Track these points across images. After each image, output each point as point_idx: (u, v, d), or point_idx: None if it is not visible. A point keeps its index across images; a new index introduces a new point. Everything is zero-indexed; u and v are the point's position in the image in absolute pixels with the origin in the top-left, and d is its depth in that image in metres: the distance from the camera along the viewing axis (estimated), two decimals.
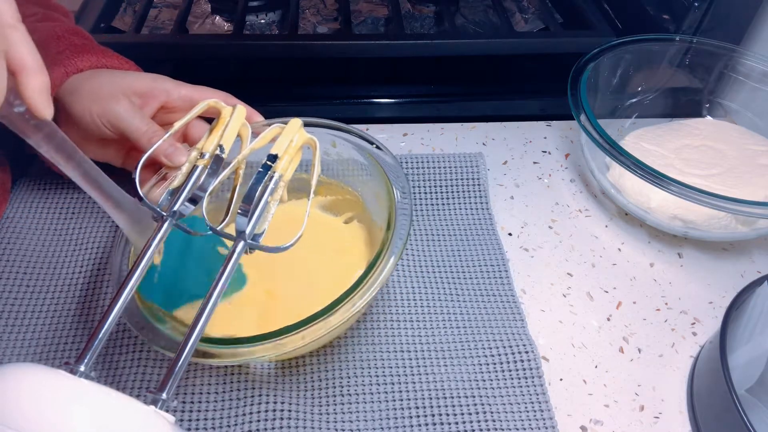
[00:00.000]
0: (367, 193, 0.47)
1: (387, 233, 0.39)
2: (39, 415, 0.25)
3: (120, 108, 0.43)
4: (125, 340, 0.44)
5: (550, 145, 0.65)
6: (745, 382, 0.43)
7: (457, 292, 0.49)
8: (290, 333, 0.35)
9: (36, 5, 0.54)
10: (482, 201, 0.56)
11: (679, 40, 0.64)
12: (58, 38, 0.49)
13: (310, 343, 0.35)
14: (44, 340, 0.45)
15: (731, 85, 0.65)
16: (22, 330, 0.45)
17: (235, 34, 0.70)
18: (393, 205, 0.41)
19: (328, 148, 0.47)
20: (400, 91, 0.71)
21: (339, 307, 0.36)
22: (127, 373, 0.42)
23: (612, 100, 0.65)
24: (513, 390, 0.43)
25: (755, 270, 0.54)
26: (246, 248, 0.35)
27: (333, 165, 0.48)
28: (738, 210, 0.48)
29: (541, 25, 0.80)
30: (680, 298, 0.51)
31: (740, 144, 0.61)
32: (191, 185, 0.37)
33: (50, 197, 0.54)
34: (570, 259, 0.54)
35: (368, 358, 0.44)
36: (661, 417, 0.43)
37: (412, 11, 0.83)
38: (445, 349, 0.45)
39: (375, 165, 0.44)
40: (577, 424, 0.43)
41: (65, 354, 0.44)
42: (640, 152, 0.58)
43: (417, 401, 0.42)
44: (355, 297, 0.36)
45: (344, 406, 0.42)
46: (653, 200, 0.54)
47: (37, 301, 0.47)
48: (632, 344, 0.48)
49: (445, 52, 0.69)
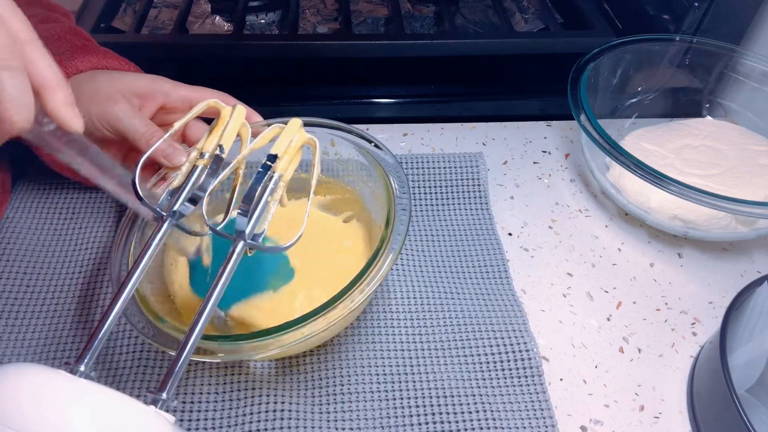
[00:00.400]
0: (366, 191, 0.47)
1: (386, 230, 0.39)
2: (39, 415, 0.25)
3: (118, 109, 0.43)
4: (125, 340, 0.44)
5: (550, 145, 0.65)
6: (745, 382, 0.43)
7: (457, 292, 0.49)
8: (290, 329, 0.35)
9: (36, 6, 0.54)
10: (482, 201, 0.56)
11: (679, 40, 0.64)
12: (58, 39, 0.49)
13: (310, 339, 0.35)
14: (44, 340, 0.45)
15: (731, 85, 0.65)
16: (22, 330, 0.45)
17: (235, 34, 0.70)
18: (392, 203, 0.41)
19: (327, 147, 0.47)
20: (400, 91, 0.71)
21: (338, 303, 0.36)
22: (127, 373, 0.42)
23: (612, 100, 0.65)
24: (513, 389, 0.43)
25: (755, 270, 0.54)
26: (246, 248, 0.35)
27: (332, 164, 0.48)
28: (738, 210, 0.48)
29: (541, 25, 0.80)
30: (680, 298, 0.51)
31: (740, 144, 0.61)
32: (191, 185, 0.37)
33: (50, 197, 0.54)
34: (570, 259, 0.54)
35: (368, 357, 0.44)
36: (661, 417, 0.43)
37: (412, 11, 0.83)
38: (445, 348, 0.45)
39: (374, 164, 0.44)
40: (577, 424, 0.43)
41: (65, 354, 0.44)
42: (640, 152, 0.58)
43: (417, 400, 0.42)
44: (354, 293, 0.36)
45: (344, 405, 0.42)
46: (653, 200, 0.54)
47: (37, 301, 0.47)
48: (632, 344, 0.48)
49: (445, 52, 0.69)
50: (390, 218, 0.40)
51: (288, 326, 0.35)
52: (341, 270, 0.45)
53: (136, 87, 0.45)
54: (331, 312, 0.36)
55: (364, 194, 0.48)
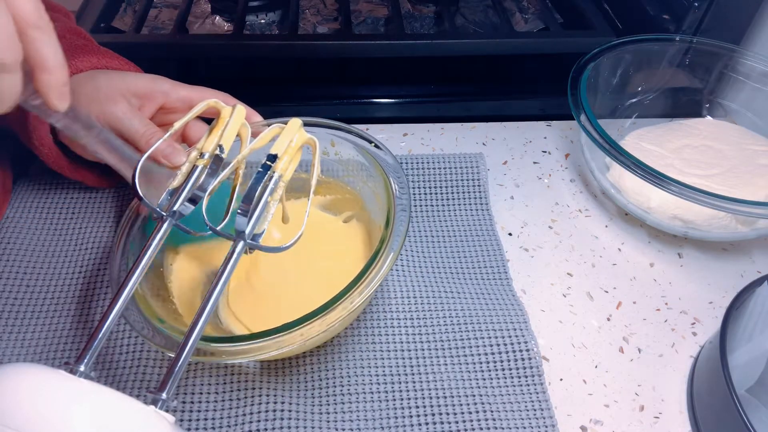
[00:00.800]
0: (366, 191, 0.47)
1: (385, 231, 0.39)
2: (39, 416, 0.25)
3: (118, 109, 0.43)
4: (125, 340, 0.44)
5: (550, 145, 0.65)
6: (745, 382, 0.42)
7: (457, 292, 0.49)
8: (289, 330, 0.35)
9: None
10: (482, 201, 0.56)
11: (679, 40, 0.64)
12: (58, 38, 0.48)
13: (309, 341, 0.35)
14: (44, 340, 0.45)
15: (731, 85, 0.65)
16: (22, 330, 0.45)
17: (235, 34, 0.69)
18: (392, 203, 0.41)
19: (327, 147, 0.47)
20: (400, 91, 0.71)
21: (337, 304, 0.36)
22: (127, 373, 0.42)
23: (612, 100, 0.65)
24: (513, 389, 0.43)
25: (755, 270, 0.54)
26: (246, 248, 0.35)
27: (332, 164, 0.48)
28: (738, 210, 0.48)
29: (541, 25, 0.80)
30: (680, 298, 0.51)
31: (740, 144, 0.61)
32: (191, 185, 0.37)
33: (50, 197, 0.54)
34: (570, 259, 0.54)
35: (368, 357, 0.44)
36: (661, 417, 0.43)
37: (412, 11, 0.83)
38: (445, 348, 0.45)
39: (374, 164, 0.44)
40: (577, 424, 0.43)
41: (65, 354, 0.44)
42: (640, 152, 0.58)
43: (417, 401, 0.42)
44: (353, 294, 0.36)
45: (344, 406, 0.42)
46: (653, 200, 0.54)
47: (37, 301, 0.47)
48: (632, 344, 0.48)
49: (445, 52, 0.69)
50: (390, 219, 0.40)
51: (287, 327, 0.35)
52: (340, 270, 0.45)
53: (136, 87, 0.45)
54: (329, 314, 0.36)
55: (364, 194, 0.48)
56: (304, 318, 0.36)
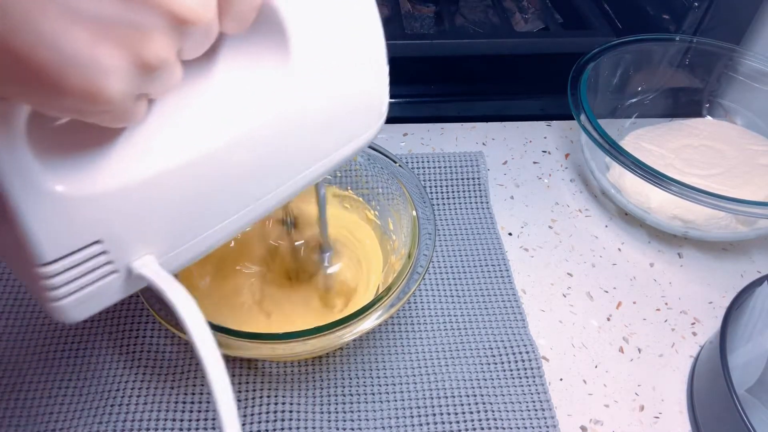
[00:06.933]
0: (388, 215, 0.48)
1: (408, 261, 0.40)
2: None
3: None
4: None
5: (550, 145, 0.65)
6: (745, 382, 0.43)
7: (457, 292, 0.49)
8: (288, 339, 0.36)
9: None
10: (482, 201, 0.56)
11: (679, 40, 0.64)
12: None
13: (301, 355, 0.36)
14: (44, 340, 0.45)
15: (731, 85, 0.65)
16: (22, 330, 0.45)
17: None
18: (416, 231, 0.42)
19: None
20: (400, 91, 0.71)
21: (322, 334, 0.37)
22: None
23: (612, 100, 0.65)
24: (514, 390, 0.43)
25: (755, 270, 0.54)
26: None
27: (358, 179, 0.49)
28: (738, 210, 0.48)
29: (541, 25, 0.80)
30: (680, 298, 0.51)
31: (740, 144, 0.61)
32: None
33: None
34: (570, 259, 0.54)
35: (369, 359, 0.44)
36: (661, 417, 0.43)
37: (412, 11, 0.83)
38: (446, 349, 0.45)
39: (402, 190, 0.45)
40: (577, 424, 0.43)
41: (65, 353, 0.44)
42: (640, 152, 0.58)
43: (418, 401, 0.42)
44: (356, 322, 0.37)
45: (346, 406, 0.42)
46: (653, 200, 0.54)
47: (37, 300, 0.47)
48: (632, 344, 0.48)
49: (445, 52, 0.69)
50: (412, 253, 0.41)
51: (287, 336, 0.36)
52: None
53: None
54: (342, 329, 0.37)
55: (385, 217, 0.48)
56: (288, 335, 0.36)
